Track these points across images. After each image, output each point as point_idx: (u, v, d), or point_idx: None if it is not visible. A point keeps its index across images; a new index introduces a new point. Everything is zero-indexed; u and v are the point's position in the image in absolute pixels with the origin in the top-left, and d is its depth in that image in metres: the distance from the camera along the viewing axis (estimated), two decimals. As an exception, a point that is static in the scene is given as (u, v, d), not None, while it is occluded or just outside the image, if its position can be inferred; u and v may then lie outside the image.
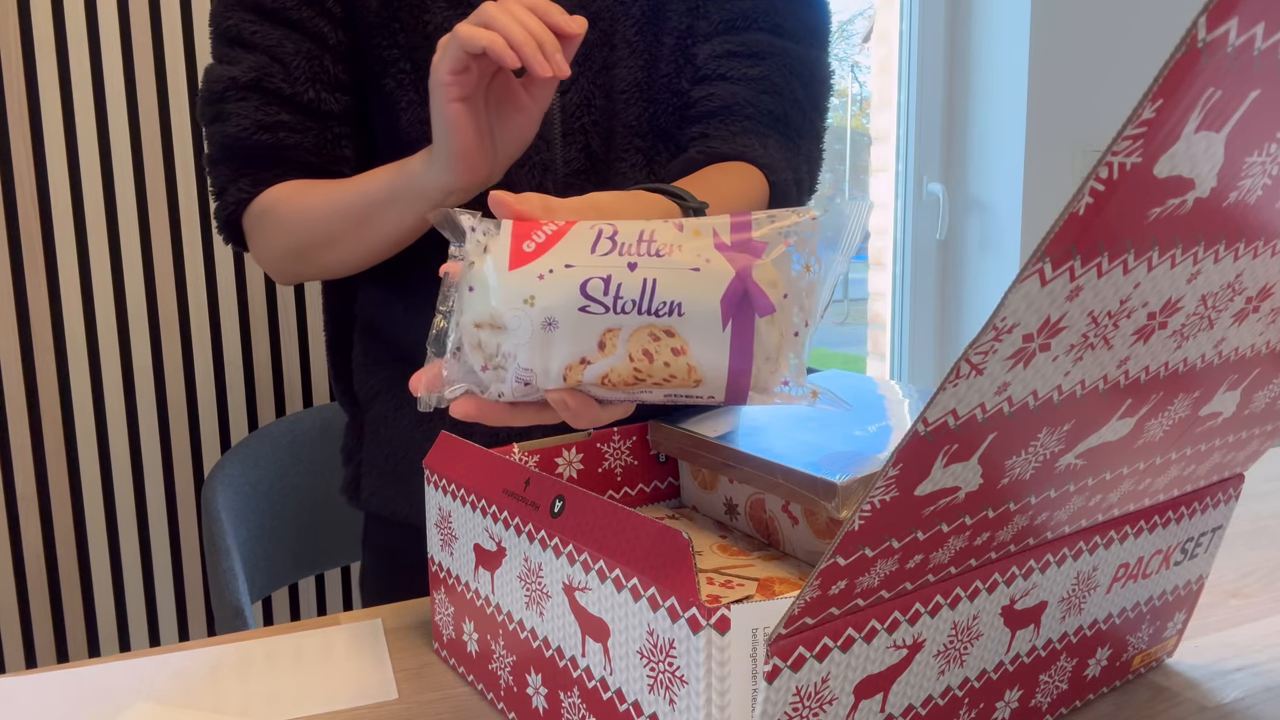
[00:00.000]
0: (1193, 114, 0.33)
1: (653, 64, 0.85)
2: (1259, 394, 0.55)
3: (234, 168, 0.82)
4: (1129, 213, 0.35)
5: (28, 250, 1.38)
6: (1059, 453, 0.46)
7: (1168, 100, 0.31)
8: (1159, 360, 0.45)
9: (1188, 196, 0.36)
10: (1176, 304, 0.42)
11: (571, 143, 0.83)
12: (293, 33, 0.81)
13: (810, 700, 0.46)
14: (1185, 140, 0.34)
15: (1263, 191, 0.39)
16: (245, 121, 0.81)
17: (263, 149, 0.81)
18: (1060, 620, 0.59)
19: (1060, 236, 0.34)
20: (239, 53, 0.82)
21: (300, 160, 0.82)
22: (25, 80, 1.35)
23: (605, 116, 0.84)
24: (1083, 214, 0.34)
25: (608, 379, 0.50)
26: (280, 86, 0.81)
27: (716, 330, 0.49)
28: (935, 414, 0.37)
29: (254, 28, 0.81)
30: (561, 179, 0.84)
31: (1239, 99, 0.34)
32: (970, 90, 2.21)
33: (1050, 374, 0.40)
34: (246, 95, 0.81)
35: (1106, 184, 0.33)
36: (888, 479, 0.39)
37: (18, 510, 1.41)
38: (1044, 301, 0.36)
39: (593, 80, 0.84)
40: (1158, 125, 0.32)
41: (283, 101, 0.81)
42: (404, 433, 0.88)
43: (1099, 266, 0.36)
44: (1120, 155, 0.32)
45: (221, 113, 0.82)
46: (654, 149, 0.86)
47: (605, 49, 0.84)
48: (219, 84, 0.82)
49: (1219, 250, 0.41)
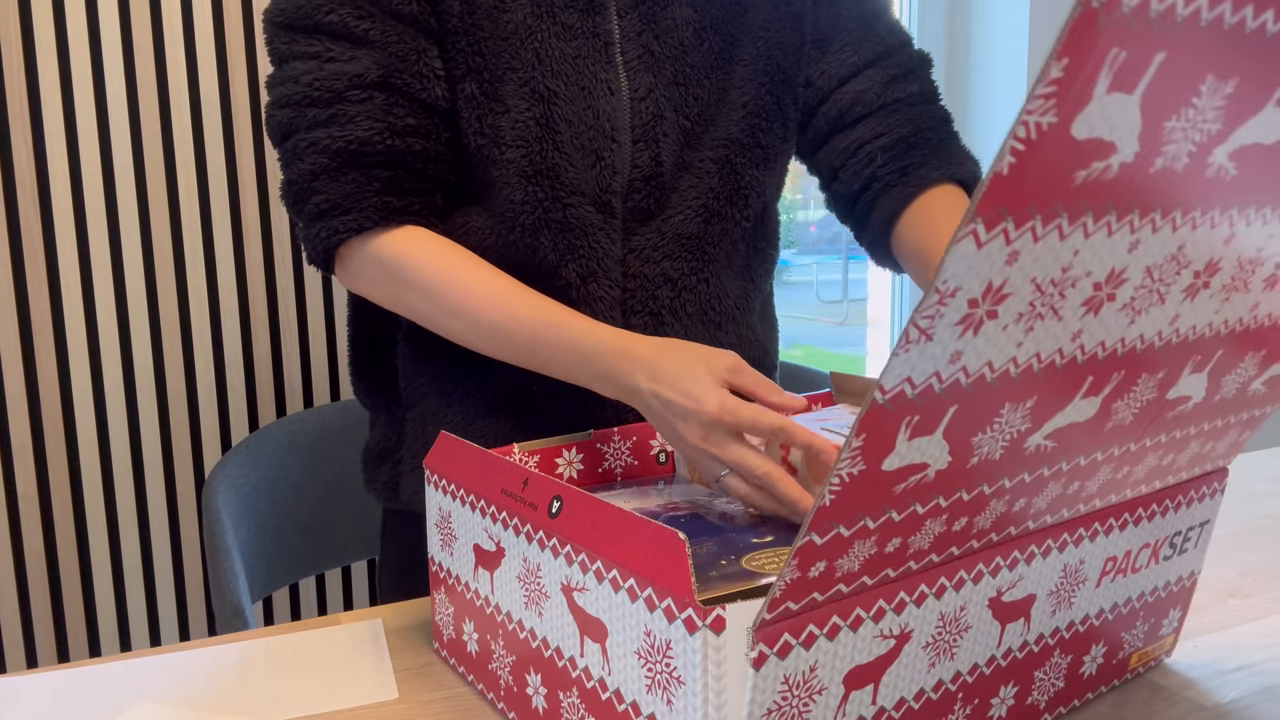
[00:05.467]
0: (1100, 73, 0.33)
1: (731, 87, 0.88)
2: (1227, 378, 0.55)
3: (349, 183, 0.77)
4: (1053, 174, 0.36)
5: (28, 249, 1.38)
6: (1026, 432, 0.46)
7: (1073, 60, 0.32)
8: (1114, 335, 0.46)
9: (1111, 160, 0.37)
10: (1121, 275, 0.43)
11: (642, 150, 0.85)
12: (409, 28, 0.79)
13: (799, 689, 0.46)
14: (1098, 101, 0.34)
15: (1189, 159, 0.40)
16: (375, 124, 0.76)
17: (390, 155, 0.77)
18: (1050, 614, 0.59)
19: (988, 197, 0.35)
20: (348, 49, 0.77)
21: (424, 170, 0.80)
22: (26, 79, 1.35)
23: (678, 131, 0.86)
24: (1007, 174, 0.34)
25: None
26: (409, 84, 0.78)
27: None
28: (891, 381, 0.38)
29: (366, 24, 0.77)
30: (628, 181, 0.85)
31: (1145, 60, 0.34)
32: (970, 90, 2.21)
33: (1003, 344, 0.41)
34: (372, 95, 0.76)
35: (1025, 143, 0.34)
36: (853, 450, 0.39)
37: (19, 510, 1.42)
38: (983, 265, 0.37)
39: (664, 93, 0.86)
40: (1067, 84, 0.33)
41: (412, 103, 0.78)
42: (454, 431, 0.89)
43: (1033, 230, 0.37)
44: (1035, 115, 0.33)
45: (341, 114, 0.76)
46: (726, 159, 0.89)
47: (678, 64, 0.86)
48: (338, 81, 0.76)
49: (1155, 219, 0.42)
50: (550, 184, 0.83)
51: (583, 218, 0.84)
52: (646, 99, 0.85)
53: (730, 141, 0.89)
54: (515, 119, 0.82)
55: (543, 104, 0.82)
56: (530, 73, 0.82)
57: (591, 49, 0.83)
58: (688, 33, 0.87)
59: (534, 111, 0.82)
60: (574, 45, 0.83)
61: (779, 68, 0.91)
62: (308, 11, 0.78)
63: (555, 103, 0.82)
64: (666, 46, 0.86)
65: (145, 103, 1.42)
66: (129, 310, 1.44)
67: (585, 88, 0.83)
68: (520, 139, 0.82)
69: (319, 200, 0.78)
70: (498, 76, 0.82)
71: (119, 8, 1.39)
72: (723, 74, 0.88)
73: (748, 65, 0.90)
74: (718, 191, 0.88)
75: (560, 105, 0.82)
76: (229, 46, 1.45)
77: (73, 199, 1.40)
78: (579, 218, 0.84)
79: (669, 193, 0.87)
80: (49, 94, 1.37)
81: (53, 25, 1.36)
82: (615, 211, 0.85)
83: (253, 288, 1.51)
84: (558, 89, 0.82)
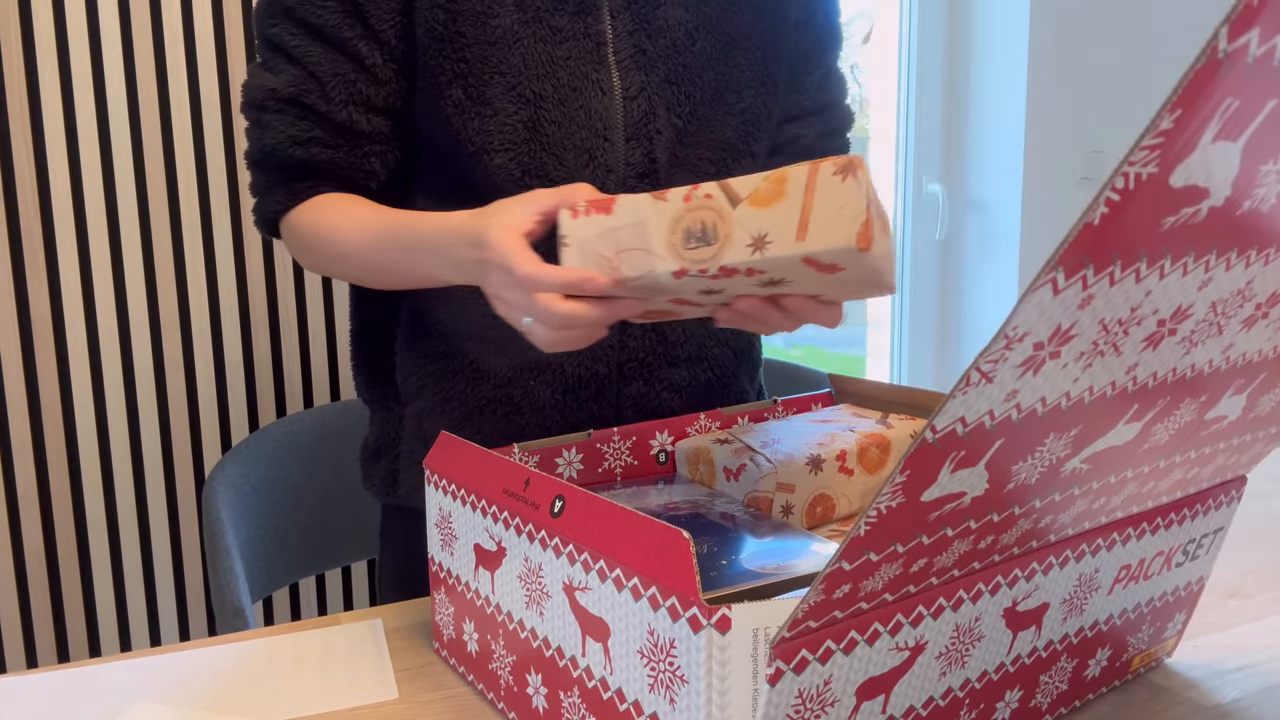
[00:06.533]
0: (1210, 124, 0.33)
1: (726, 89, 0.89)
2: (1264, 397, 0.55)
3: (269, 176, 0.87)
4: (1144, 222, 0.35)
5: (29, 250, 1.38)
6: (1065, 457, 0.46)
7: (1186, 111, 0.31)
8: (1167, 366, 0.45)
9: (1202, 205, 0.36)
10: (1187, 311, 0.42)
11: (635, 147, 0.86)
12: (332, 51, 0.84)
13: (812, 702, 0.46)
14: (1202, 150, 0.33)
15: (1277, 199, 0.39)
16: (281, 135, 0.84)
17: (296, 162, 0.85)
18: (1061, 621, 0.59)
19: (1074, 246, 0.34)
20: (280, 62, 0.85)
21: (332, 173, 0.86)
22: (26, 79, 1.35)
23: (670, 129, 0.87)
24: (1098, 224, 0.34)
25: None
26: (316, 103, 0.84)
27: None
28: (944, 422, 0.37)
29: (296, 41, 0.84)
30: (622, 179, 0.86)
31: (1257, 109, 0.34)
32: (969, 91, 2.21)
33: (1060, 381, 0.40)
34: (284, 108, 0.85)
35: (1122, 194, 0.33)
36: (895, 485, 0.39)
37: (19, 510, 1.42)
38: (1056, 310, 0.36)
39: (656, 91, 0.86)
40: (1175, 135, 0.32)
41: (318, 118, 0.85)
42: (451, 428, 0.90)
43: (1111, 275, 0.36)
44: (1137, 165, 0.32)
45: (260, 120, 0.86)
46: (723, 161, 0.90)
47: (670, 64, 0.87)
48: (259, 92, 0.85)
49: (1230, 258, 0.41)
50: (541, 184, 0.83)
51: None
52: (638, 97, 0.85)
53: (727, 147, 0.89)
54: (503, 123, 0.83)
55: (529, 107, 0.83)
56: (517, 77, 0.82)
57: (583, 50, 0.84)
58: (680, 33, 0.87)
59: (521, 115, 0.83)
60: (564, 48, 0.83)
61: (773, 79, 0.92)
62: (262, 21, 0.86)
63: (543, 105, 0.83)
64: (659, 46, 0.86)
65: (145, 103, 1.42)
66: (129, 310, 1.44)
67: (576, 89, 0.83)
68: (508, 142, 0.83)
69: (253, 188, 0.89)
70: (484, 81, 0.83)
71: (119, 8, 1.39)
72: (717, 74, 0.89)
73: (745, 71, 0.90)
74: None
75: (548, 107, 0.83)
76: (229, 46, 1.45)
77: (73, 199, 1.40)
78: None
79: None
80: (49, 94, 1.37)
81: (53, 25, 1.36)
82: None
83: (253, 288, 1.51)
84: (545, 92, 0.83)
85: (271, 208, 0.88)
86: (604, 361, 0.87)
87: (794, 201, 0.60)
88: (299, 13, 0.84)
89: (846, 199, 0.59)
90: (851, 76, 2.32)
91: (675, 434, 0.82)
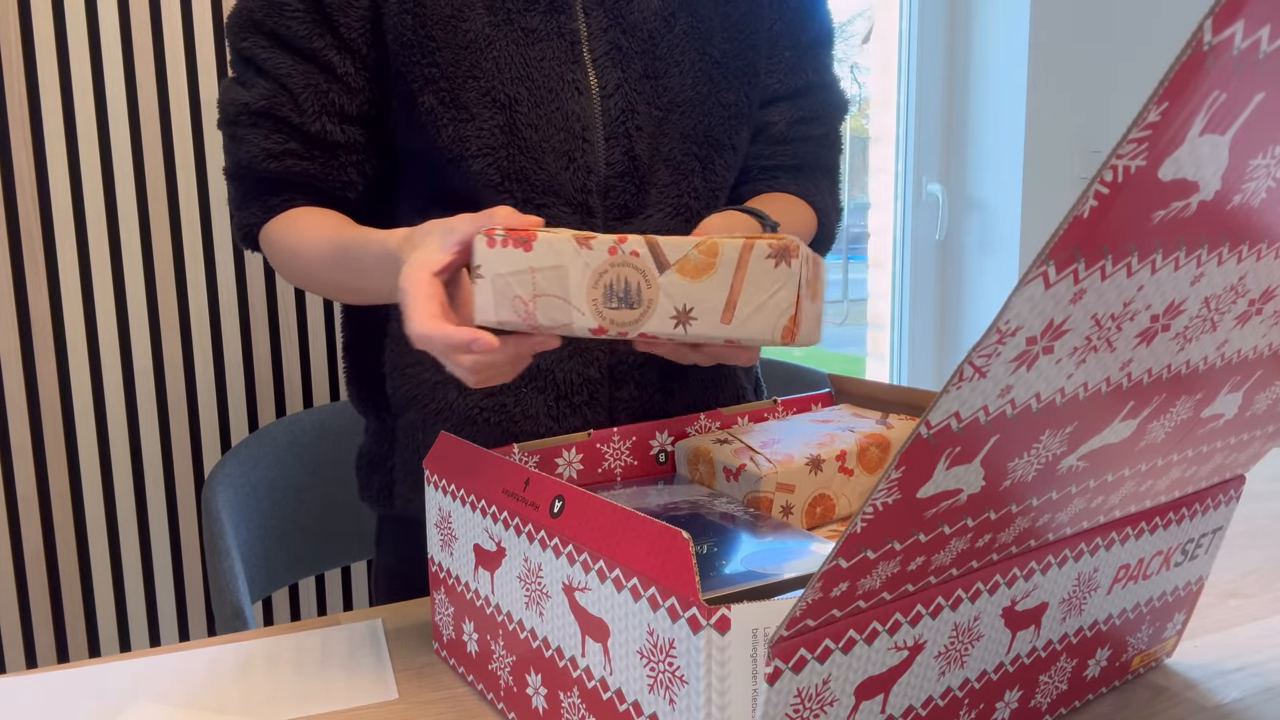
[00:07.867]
0: (1197, 117, 0.33)
1: (704, 79, 0.88)
2: (1260, 395, 0.55)
3: (246, 190, 0.87)
4: (1133, 216, 0.35)
5: (28, 250, 1.38)
6: (1061, 454, 0.46)
7: (1173, 104, 0.31)
8: (1161, 362, 0.45)
9: (1191, 199, 0.36)
10: (1179, 306, 0.42)
11: (615, 145, 0.85)
12: (303, 63, 0.83)
13: (811, 702, 0.46)
14: (1190, 143, 0.33)
15: (1266, 194, 0.39)
16: (255, 149, 0.84)
17: (272, 176, 0.85)
18: (1061, 621, 0.59)
19: (1064, 240, 0.34)
20: (253, 76, 0.85)
21: (308, 185, 0.86)
22: (26, 79, 1.35)
23: (651, 122, 0.86)
24: (1087, 217, 0.34)
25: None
26: (289, 115, 0.84)
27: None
28: (938, 417, 0.37)
29: (266, 54, 0.84)
30: (604, 180, 0.85)
31: (1244, 102, 0.34)
32: (969, 90, 2.21)
33: (1053, 376, 0.40)
34: (258, 122, 0.84)
35: (1111, 187, 0.33)
36: (890, 481, 0.39)
37: (18, 510, 1.42)
38: (1048, 304, 0.36)
39: (634, 87, 0.86)
40: (1162, 129, 0.32)
41: (291, 130, 0.84)
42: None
43: (1102, 270, 0.36)
44: (1125, 159, 0.32)
45: (235, 134, 0.86)
46: (708, 156, 0.89)
47: (647, 58, 0.86)
48: (232, 107, 0.86)
49: (1222, 253, 0.41)
50: (521, 188, 0.83)
51: (559, 219, 0.84)
52: (615, 94, 0.85)
53: (709, 140, 0.89)
54: (479, 128, 0.82)
55: (505, 111, 0.82)
56: (491, 81, 0.82)
57: (557, 50, 0.83)
58: (656, 23, 0.86)
59: (497, 119, 0.82)
60: (538, 49, 0.83)
61: (753, 69, 0.92)
62: (234, 36, 0.86)
63: (518, 109, 0.82)
64: (635, 41, 0.86)
65: (145, 103, 1.42)
66: (129, 310, 1.44)
67: (552, 90, 0.83)
68: (486, 148, 0.82)
69: (231, 201, 0.89)
70: (458, 85, 0.82)
71: (119, 8, 1.39)
72: (695, 63, 0.88)
73: (725, 62, 0.89)
74: (699, 191, 0.89)
75: (524, 110, 0.82)
76: (229, 47, 1.45)
77: (72, 199, 1.40)
78: (555, 220, 0.84)
79: (648, 188, 0.87)
80: (49, 94, 1.37)
81: (53, 25, 1.36)
82: (595, 210, 0.85)
83: (252, 288, 1.51)
84: (520, 95, 0.82)
85: (248, 221, 0.87)
86: (595, 366, 0.87)
87: (723, 278, 0.59)
88: (268, 25, 0.83)
89: (778, 286, 0.58)
90: (851, 76, 2.32)
91: (675, 434, 0.82)
